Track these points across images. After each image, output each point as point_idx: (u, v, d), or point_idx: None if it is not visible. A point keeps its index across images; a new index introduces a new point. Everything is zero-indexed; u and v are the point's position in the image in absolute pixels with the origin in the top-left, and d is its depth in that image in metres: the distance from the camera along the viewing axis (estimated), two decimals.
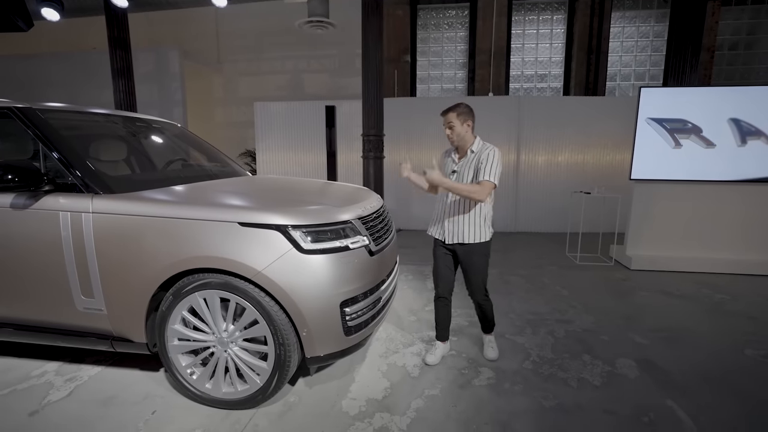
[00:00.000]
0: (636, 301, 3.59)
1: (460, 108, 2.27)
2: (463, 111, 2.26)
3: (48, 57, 8.13)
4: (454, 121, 2.26)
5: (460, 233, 2.33)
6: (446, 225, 2.37)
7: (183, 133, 3.45)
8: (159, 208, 1.96)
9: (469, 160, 2.28)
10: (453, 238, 2.35)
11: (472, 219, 2.30)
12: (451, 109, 2.28)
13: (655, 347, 2.72)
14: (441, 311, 2.51)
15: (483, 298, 2.47)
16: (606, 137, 6.21)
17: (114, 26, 5.81)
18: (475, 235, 2.31)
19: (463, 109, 2.27)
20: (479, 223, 2.31)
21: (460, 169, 2.32)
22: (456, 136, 2.28)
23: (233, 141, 8.81)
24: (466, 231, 2.31)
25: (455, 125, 2.26)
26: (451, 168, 2.37)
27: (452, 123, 2.27)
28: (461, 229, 2.32)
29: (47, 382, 2.32)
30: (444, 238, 2.38)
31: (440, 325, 2.54)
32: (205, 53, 8.82)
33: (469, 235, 2.31)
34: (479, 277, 2.40)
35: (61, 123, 2.36)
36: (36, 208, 2.06)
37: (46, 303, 2.15)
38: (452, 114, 2.27)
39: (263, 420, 1.97)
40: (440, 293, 2.48)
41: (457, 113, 2.26)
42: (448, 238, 2.36)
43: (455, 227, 2.33)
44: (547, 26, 7.90)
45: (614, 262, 4.74)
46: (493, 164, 2.19)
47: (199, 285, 1.93)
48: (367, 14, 5.12)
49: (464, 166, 2.30)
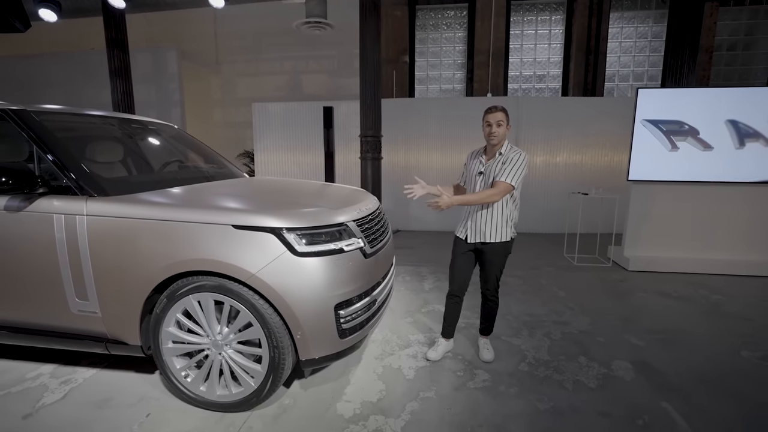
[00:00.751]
0: (633, 303, 3.59)
1: (506, 110, 2.29)
2: (507, 114, 2.29)
3: (48, 57, 8.12)
4: (504, 120, 2.27)
5: (481, 232, 2.35)
6: (469, 224, 2.40)
7: (180, 135, 3.45)
8: (153, 210, 1.96)
9: (496, 162, 2.30)
10: (475, 237, 2.38)
11: (494, 219, 2.33)
12: (502, 108, 2.29)
13: (652, 349, 2.72)
14: (451, 309, 2.55)
15: (494, 293, 2.51)
16: (604, 138, 6.22)
17: (112, 27, 5.81)
18: (497, 235, 2.34)
19: (506, 112, 2.29)
20: (501, 223, 2.33)
21: (487, 171, 2.33)
22: (501, 135, 2.27)
23: (232, 142, 8.80)
24: (487, 230, 2.34)
25: (503, 124, 2.26)
26: (477, 169, 2.39)
27: (502, 122, 2.26)
28: (483, 228, 2.34)
29: (42, 384, 2.32)
30: (466, 236, 2.41)
31: (448, 322, 2.57)
32: (203, 54, 8.82)
33: (491, 235, 2.34)
34: (496, 275, 2.46)
35: (57, 125, 2.36)
36: (30, 210, 2.05)
37: (40, 305, 2.15)
38: (503, 114, 2.28)
39: (257, 422, 1.97)
40: (454, 291, 2.51)
41: (506, 114, 2.28)
42: (471, 237, 2.39)
43: (477, 226, 2.36)
44: (545, 27, 7.90)
45: (612, 263, 4.74)
46: (515, 167, 2.22)
47: (194, 288, 1.93)
48: (365, 15, 5.12)
49: (490, 167, 2.32)
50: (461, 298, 2.53)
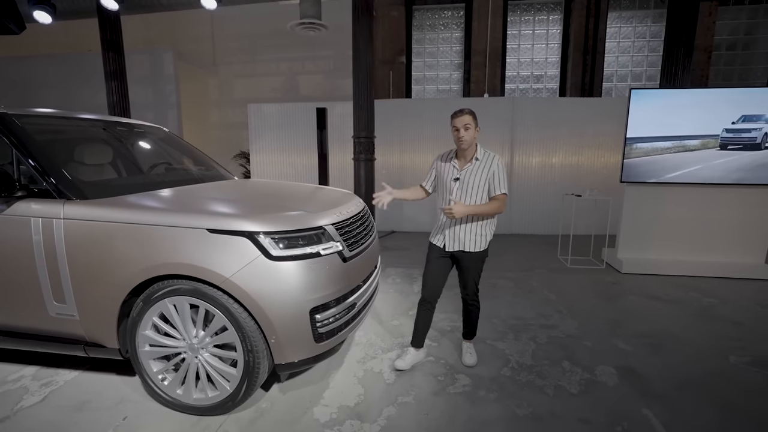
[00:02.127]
0: (623, 306, 3.56)
1: (473, 112, 2.23)
2: (475, 116, 2.24)
3: (44, 59, 8.17)
4: (471, 123, 2.20)
5: (461, 242, 2.31)
6: (447, 233, 2.34)
7: (168, 137, 3.45)
8: (129, 213, 1.96)
9: (474, 168, 2.25)
10: (454, 246, 2.33)
11: (476, 229, 2.30)
12: (468, 111, 2.21)
13: (638, 354, 2.69)
14: (422, 317, 2.48)
15: (474, 297, 2.48)
16: (600, 138, 6.17)
17: (107, 29, 5.83)
18: (477, 244, 2.32)
19: (474, 114, 2.24)
20: (482, 233, 2.32)
21: (464, 178, 2.27)
22: (469, 139, 2.21)
23: (228, 143, 8.82)
24: (468, 240, 2.31)
25: (471, 128, 2.20)
26: (452, 175, 2.31)
27: (469, 125, 2.20)
28: (464, 237, 2.31)
29: (22, 386, 2.33)
30: (444, 244, 2.35)
31: (418, 330, 2.51)
32: (201, 55, 8.84)
33: (472, 244, 2.31)
34: (475, 280, 2.43)
35: (39, 128, 2.36)
36: (8, 213, 2.06)
37: (19, 308, 2.15)
38: (470, 117, 2.21)
39: (233, 426, 1.97)
40: (426, 297, 2.45)
41: (473, 117, 2.22)
42: (450, 246, 2.34)
43: (457, 235, 2.31)
44: (542, 27, 7.85)
45: (605, 265, 4.70)
46: (504, 175, 2.24)
47: (169, 291, 1.92)
48: (358, 16, 5.10)
49: (468, 174, 2.26)
50: (433, 305, 2.47)
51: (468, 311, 2.53)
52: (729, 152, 4.18)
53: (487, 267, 4.64)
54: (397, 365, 2.46)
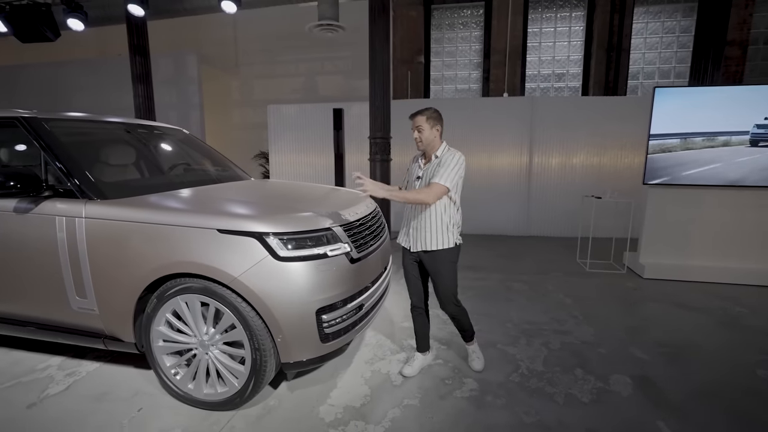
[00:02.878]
0: (644, 313, 3.43)
1: (429, 112, 2.21)
2: (432, 115, 2.21)
3: (77, 64, 8.58)
4: (423, 124, 2.20)
5: (422, 240, 2.25)
6: (411, 233, 2.31)
7: (188, 138, 3.56)
8: (144, 213, 2.03)
9: (432, 165, 2.23)
10: (416, 246, 2.28)
11: (433, 225, 2.22)
12: (420, 112, 2.21)
13: (656, 363, 2.59)
14: (416, 321, 2.47)
15: (455, 308, 2.34)
16: (624, 139, 5.97)
17: (134, 34, 6.07)
18: (437, 242, 2.22)
19: (432, 113, 2.21)
20: (441, 229, 2.22)
21: (424, 174, 2.26)
22: (424, 139, 2.21)
23: (249, 143, 9.02)
24: (428, 237, 2.23)
25: (424, 129, 2.20)
26: (416, 174, 2.32)
27: (421, 126, 2.20)
28: (423, 235, 2.24)
29: (49, 376, 2.46)
30: (409, 246, 2.32)
31: (418, 334, 2.49)
32: (223, 57, 9.08)
33: (432, 242, 2.23)
34: (447, 286, 2.28)
35: (65, 131, 2.48)
36: (36, 212, 2.18)
37: (45, 302, 2.27)
38: (421, 117, 2.20)
39: (240, 422, 2.01)
40: (414, 303, 2.44)
41: (427, 117, 2.20)
42: (413, 246, 2.30)
43: (418, 234, 2.26)
44: (565, 24, 7.65)
45: (626, 269, 4.54)
46: (449, 168, 2.14)
47: (181, 289, 1.99)
48: (374, 17, 5.12)
49: (427, 171, 2.25)
50: (424, 308, 2.45)
51: (455, 320, 2.43)
52: (758, 149, 3.96)
53: (501, 269, 4.63)
54: (405, 372, 2.43)
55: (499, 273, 4.46)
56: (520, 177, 6.28)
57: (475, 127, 6.32)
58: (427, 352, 2.54)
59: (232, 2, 5.16)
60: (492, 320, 3.22)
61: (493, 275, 4.37)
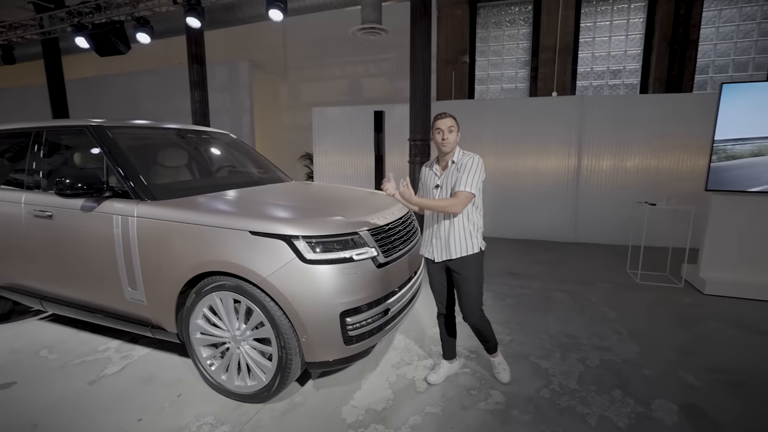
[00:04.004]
0: (700, 333, 3.12)
1: (454, 116, 2.17)
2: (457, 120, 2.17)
3: (145, 73, 9.41)
4: (455, 126, 2.14)
5: (447, 248, 2.18)
6: (434, 242, 2.23)
7: (234, 142, 3.78)
8: (185, 214, 2.20)
9: (450, 172, 2.17)
10: (441, 255, 2.21)
11: (457, 232, 2.16)
12: (451, 114, 2.16)
13: (709, 391, 2.35)
14: (443, 328, 2.43)
15: (478, 319, 2.24)
16: (687, 140, 5.45)
17: (192, 44, 6.54)
18: (462, 248, 2.16)
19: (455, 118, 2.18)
20: (465, 235, 2.16)
21: (443, 183, 2.19)
22: (452, 142, 2.13)
23: (295, 144, 9.36)
24: (452, 245, 2.16)
25: (454, 131, 2.13)
26: (434, 182, 2.23)
27: (453, 128, 2.13)
28: (447, 243, 2.17)
29: (107, 357, 2.73)
30: (433, 257, 2.25)
31: (444, 342, 2.45)
32: (273, 62, 9.50)
33: (457, 249, 2.16)
34: (473, 294, 2.20)
35: (125, 138, 2.74)
36: (98, 211, 2.43)
37: (106, 291, 2.53)
38: (453, 119, 2.14)
39: (267, 416, 2.11)
40: (441, 310, 2.40)
41: (456, 119, 2.16)
42: (437, 256, 2.22)
43: (442, 243, 2.19)
44: (622, 16, 7.13)
45: (684, 283, 4.15)
46: (471, 173, 2.08)
47: (216, 286, 2.12)
48: (415, 19, 5.11)
49: (446, 178, 2.18)
50: (451, 315, 2.40)
51: (477, 331, 2.33)
52: None
53: (542, 277, 4.44)
54: (430, 379, 2.41)
55: (539, 281, 4.27)
56: (567, 180, 5.96)
57: (520, 128, 6.09)
58: (454, 360, 2.50)
59: (278, 11, 5.40)
60: (527, 331, 3.10)
61: (532, 283, 4.20)
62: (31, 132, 2.94)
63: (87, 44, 6.35)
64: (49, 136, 2.88)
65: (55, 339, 3.00)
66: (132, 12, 6.17)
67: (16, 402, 2.26)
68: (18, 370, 2.60)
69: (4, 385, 2.42)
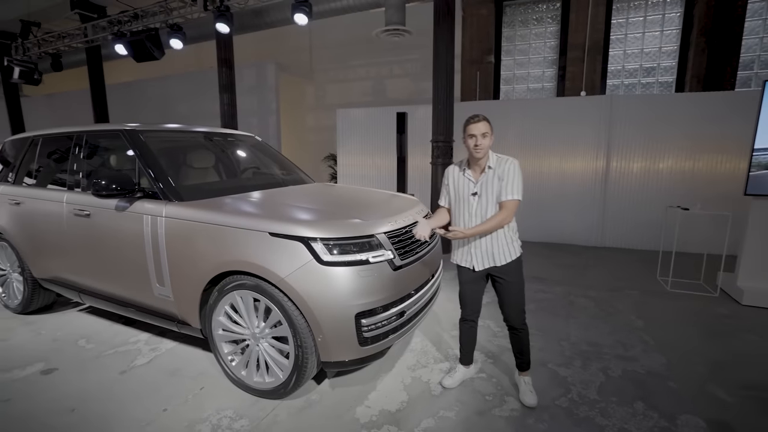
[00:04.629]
0: (734, 346, 2.96)
1: (488, 119, 2.09)
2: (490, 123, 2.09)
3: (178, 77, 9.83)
4: (489, 130, 2.07)
5: (490, 256, 2.15)
6: (473, 251, 2.19)
7: (259, 144, 3.89)
8: (209, 215, 2.29)
9: (488, 178, 2.11)
10: (484, 263, 2.17)
11: (500, 239, 2.14)
12: (485, 118, 2.08)
13: (741, 408, 2.23)
14: (466, 334, 2.40)
15: (522, 322, 2.26)
16: (726, 141, 5.15)
17: (222, 48, 6.78)
18: (506, 254, 2.15)
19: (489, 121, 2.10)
20: (507, 241, 2.15)
21: (481, 190, 2.13)
22: (486, 148, 2.08)
23: (320, 145, 9.52)
24: (496, 253, 2.15)
25: (488, 135, 2.06)
26: (470, 189, 2.16)
27: (487, 133, 2.06)
28: (490, 250, 2.15)
29: (137, 349, 2.88)
30: (473, 265, 2.20)
31: (464, 347, 2.43)
32: (299, 65, 9.71)
33: (501, 256, 2.15)
34: (519, 298, 2.22)
35: (156, 141, 2.89)
36: (130, 210, 2.57)
37: (136, 286, 2.67)
38: (487, 124, 2.07)
39: (284, 412, 2.17)
40: (467, 315, 2.36)
41: (489, 122, 2.08)
42: (478, 264, 2.18)
43: (484, 251, 2.16)
44: (657, 11, 6.81)
45: (720, 292, 3.94)
46: (515, 179, 2.06)
47: (237, 285, 2.21)
48: (438, 19, 5.09)
49: (485, 185, 2.12)
50: (475, 322, 2.37)
51: (517, 338, 2.29)
52: None
53: (566, 282, 4.34)
54: (445, 383, 2.40)
55: (563, 286, 4.17)
56: (595, 182, 5.77)
57: (546, 129, 5.95)
58: (471, 365, 2.49)
59: (303, 15, 5.51)
60: (547, 337, 3.04)
61: (555, 288, 4.10)
62: (73, 135, 3.14)
63: (125, 51, 6.71)
64: (89, 139, 3.08)
65: (92, 330, 3.20)
66: (166, 20, 6.47)
67: (58, 387, 2.43)
68: (59, 357, 2.79)
69: (47, 371, 2.61)
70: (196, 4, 6.23)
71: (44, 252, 3.17)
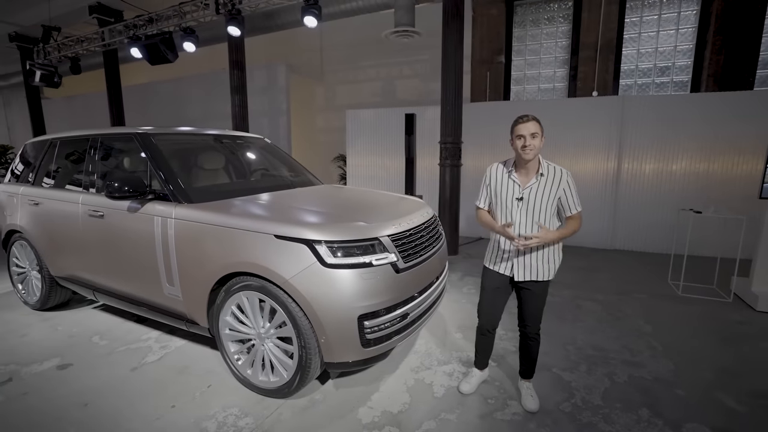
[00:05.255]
0: (746, 353, 2.89)
1: (538, 119, 1.98)
2: (540, 123, 1.97)
3: (190, 79, 10.00)
4: (539, 130, 1.94)
5: (535, 270, 2.08)
6: (516, 260, 2.10)
7: (268, 146, 3.94)
8: (216, 217, 2.34)
9: (539, 186, 2.02)
10: (526, 275, 2.10)
11: (549, 254, 2.08)
12: (534, 117, 1.97)
13: (752, 418, 2.18)
14: (482, 343, 2.38)
15: (536, 333, 2.23)
16: (742, 142, 5.03)
17: (233, 51, 6.88)
18: (548, 270, 2.10)
19: (539, 121, 1.98)
20: (554, 257, 2.11)
21: (528, 197, 2.03)
22: (536, 149, 1.95)
23: (330, 145, 9.58)
24: (542, 267, 2.08)
25: (538, 136, 1.94)
26: (515, 194, 2.05)
27: (537, 133, 1.93)
28: (537, 264, 2.08)
29: (148, 346, 2.96)
30: (513, 274, 2.12)
31: (481, 353, 2.41)
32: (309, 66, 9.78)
33: (546, 272, 2.09)
34: (540, 309, 2.18)
35: (166, 144, 2.96)
36: (141, 212, 2.65)
37: (146, 285, 2.75)
38: (537, 123, 1.94)
39: (287, 411, 2.22)
40: (484, 326, 2.32)
41: (539, 122, 1.96)
42: (519, 275, 2.11)
43: (530, 263, 2.09)
44: (673, 8, 6.67)
45: (733, 297, 3.85)
46: (575, 191, 2.06)
47: (243, 286, 2.25)
48: (447, 20, 5.08)
49: (534, 192, 2.02)
50: (493, 332, 2.34)
51: (527, 346, 2.27)
52: None
53: (574, 285, 4.31)
54: (463, 389, 2.37)
55: (570, 289, 4.13)
56: (606, 183, 5.69)
57: (557, 129, 5.88)
58: (486, 369, 2.48)
59: (312, 17, 5.56)
60: (552, 341, 3.02)
61: (563, 291, 4.06)
62: (89, 138, 3.24)
63: (140, 54, 6.86)
64: (104, 141, 3.17)
65: (105, 327, 3.30)
66: (180, 23, 6.60)
67: (73, 381, 2.52)
68: (75, 353, 2.88)
69: (63, 366, 2.71)
70: (209, 7, 6.34)
71: (61, 251, 3.28)
